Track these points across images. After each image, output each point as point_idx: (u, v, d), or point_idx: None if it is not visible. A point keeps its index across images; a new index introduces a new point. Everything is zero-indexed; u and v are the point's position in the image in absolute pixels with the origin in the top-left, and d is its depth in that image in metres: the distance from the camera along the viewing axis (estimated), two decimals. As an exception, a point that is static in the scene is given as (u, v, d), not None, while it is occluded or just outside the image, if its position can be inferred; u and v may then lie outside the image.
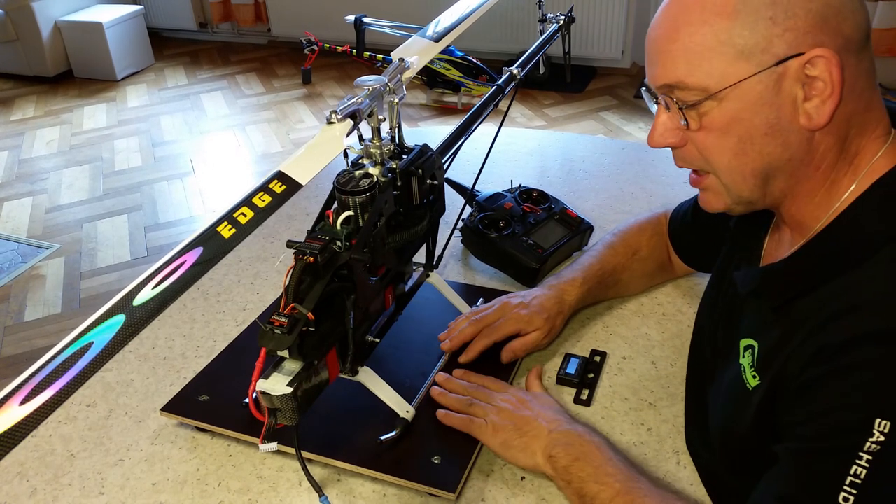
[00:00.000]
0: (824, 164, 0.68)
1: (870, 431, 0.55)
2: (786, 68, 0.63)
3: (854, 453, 0.56)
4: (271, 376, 0.76)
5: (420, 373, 1.00)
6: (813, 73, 0.63)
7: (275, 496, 0.87)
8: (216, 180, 3.62)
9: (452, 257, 1.30)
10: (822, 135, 0.66)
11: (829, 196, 0.69)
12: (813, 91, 0.63)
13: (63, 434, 0.98)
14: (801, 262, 0.70)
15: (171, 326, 1.18)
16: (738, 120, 0.66)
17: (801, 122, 0.65)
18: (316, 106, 4.37)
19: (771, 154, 0.67)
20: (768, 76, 0.64)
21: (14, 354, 2.56)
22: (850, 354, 0.58)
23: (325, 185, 0.86)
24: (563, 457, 0.81)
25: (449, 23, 1.08)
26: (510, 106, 1.13)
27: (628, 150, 1.71)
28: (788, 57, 0.63)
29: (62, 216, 3.38)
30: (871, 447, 0.55)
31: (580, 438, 0.82)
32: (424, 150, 0.92)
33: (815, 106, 0.64)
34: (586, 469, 0.79)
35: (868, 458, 0.56)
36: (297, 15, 5.05)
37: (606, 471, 0.78)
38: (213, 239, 0.66)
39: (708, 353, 0.88)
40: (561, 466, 0.81)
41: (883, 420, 0.55)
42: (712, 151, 0.70)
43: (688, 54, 0.66)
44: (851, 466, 0.56)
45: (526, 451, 0.85)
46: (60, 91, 4.79)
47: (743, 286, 0.77)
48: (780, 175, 0.69)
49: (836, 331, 0.61)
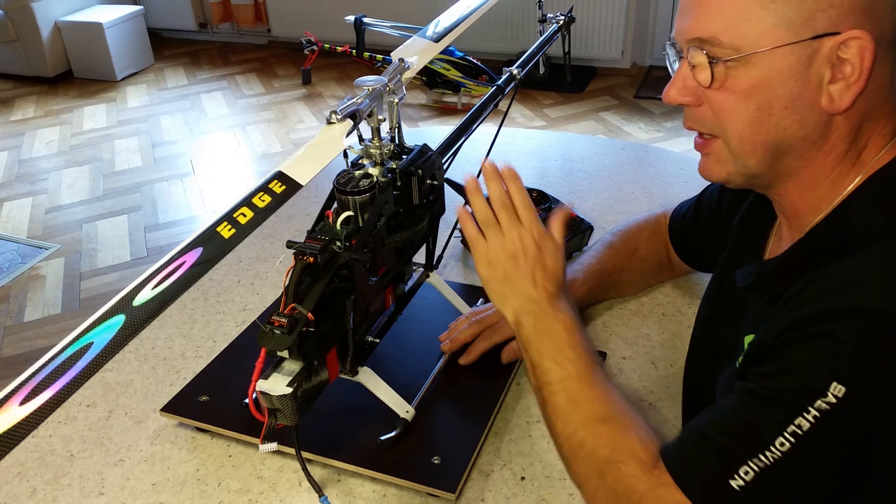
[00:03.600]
0: (835, 152, 0.67)
1: (824, 392, 0.57)
2: (821, 44, 0.62)
3: (804, 407, 0.58)
4: (271, 376, 0.76)
5: (420, 373, 1.00)
6: (845, 55, 0.62)
7: (275, 496, 0.87)
8: (216, 180, 3.62)
9: (452, 257, 1.30)
10: (841, 119, 0.65)
11: (833, 189, 0.68)
12: (840, 74, 0.63)
13: (63, 434, 0.98)
14: (797, 255, 0.70)
15: (171, 327, 1.18)
16: (762, 87, 0.65)
17: (823, 103, 0.64)
18: (316, 106, 4.37)
19: (787, 129, 0.66)
20: (802, 49, 0.63)
21: (14, 355, 2.56)
22: (821, 325, 0.59)
23: (325, 185, 0.86)
24: (529, 326, 0.80)
25: (449, 23, 1.08)
26: (510, 106, 1.13)
27: (628, 150, 1.71)
28: (827, 34, 0.62)
29: (62, 216, 3.38)
30: (821, 405, 0.57)
31: (553, 314, 0.80)
32: (424, 151, 0.92)
33: (839, 89, 0.63)
34: (547, 346, 0.79)
35: (816, 414, 0.57)
36: (297, 15, 5.05)
37: (566, 353, 0.77)
38: (212, 239, 0.66)
39: (707, 353, 0.88)
40: (524, 335, 0.81)
41: (839, 385, 0.56)
42: (729, 115, 0.68)
43: (727, 10, 0.64)
44: (797, 417, 0.58)
45: (500, 300, 0.83)
46: (60, 91, 4.79)
47: (740, 281, 0.77)
48: (791, 153, 0.68)
49: (812, 305, 0.61)
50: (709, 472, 0.63)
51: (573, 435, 0.74)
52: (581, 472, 0.74)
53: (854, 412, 0.57)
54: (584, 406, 0.75)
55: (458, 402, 0.96)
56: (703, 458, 0.64)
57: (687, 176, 1.53)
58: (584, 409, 0.75)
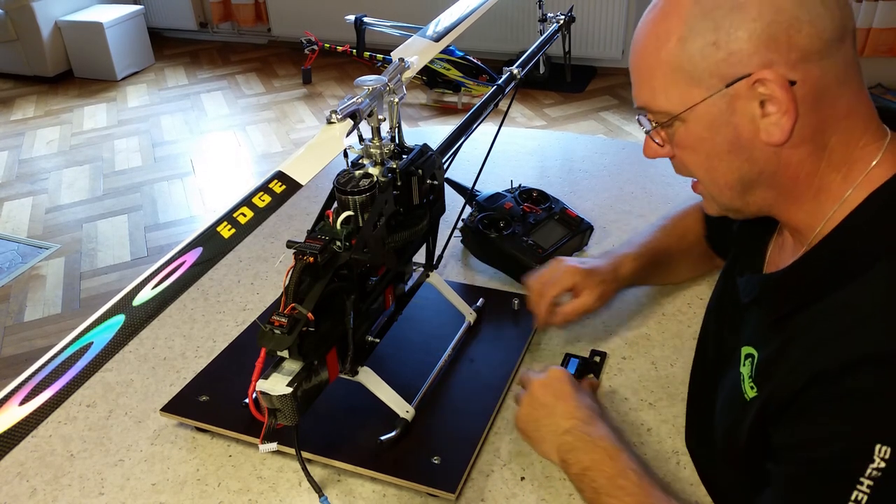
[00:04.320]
0: (803, 175, 0.67)
1: (870, 457, 0.55)
2: (736, 90, 0.64)
3: (855, 479, 0.55)
4: (271, 376, 0.76)
5: (420, 373, 1.00)
6: (765, 91, 0.63)
7: (275, 496, 0.87)
8: (216, 180, 3.62)
9: (452, 257, 1.30)
10: (790, 149, 0.65)
11: (819, 204, 0.68)
12: (772, 108, 0.63)
13: (63, 434, 0.98)
14: (798, 274, 0.69)
15: (171, 327, 1.18)
16: (702, 139, 0.68)
17: (762, 138, 0.65)
18: (316, 106, 4.37)
19: (739, 169, 0.68)
20: (720, 99, 0.65)
21: (14, 354, 2.56)
22: (847, 379, 0.58)
23: (325, 185, 0.86)
24: (574, 464, 0.81)
25: (449, 23, 1.08)
26: (510, 106, 1.13)
27: (628, 150, 1.71)
28: (736, 79, 0.63)
29: (62, 216, 3.38)
30: (872, 473, 0.55)
31: (594, 445, 0.81)
32: (424, 150, 0.92)
33: (773, 122, 0.64)
34: (598, 480, 0.78)
35: (869, 483, 0.55)
36: (297, 15, 5.05)
37: (618, 483, 0.77)
38: (212, 239, 0.66)
39: (712, 355, 0.87)
40: (573, 473, 0.81)
41: (883, 446, 0.55)
42: (689, 166, 0.72)
43: (650, 81, 0.69)
44: (853, 492, 0.56)
45: (542, 446, 0.86)
46: (60, 91, 4.79)
47: (744, 294, 0.77)
48: (758, 187, 0.69)
49: (832, 353, 0.60)
50: None
51: None
52: None
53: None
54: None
55: (458, 402, 0.96)
56: None
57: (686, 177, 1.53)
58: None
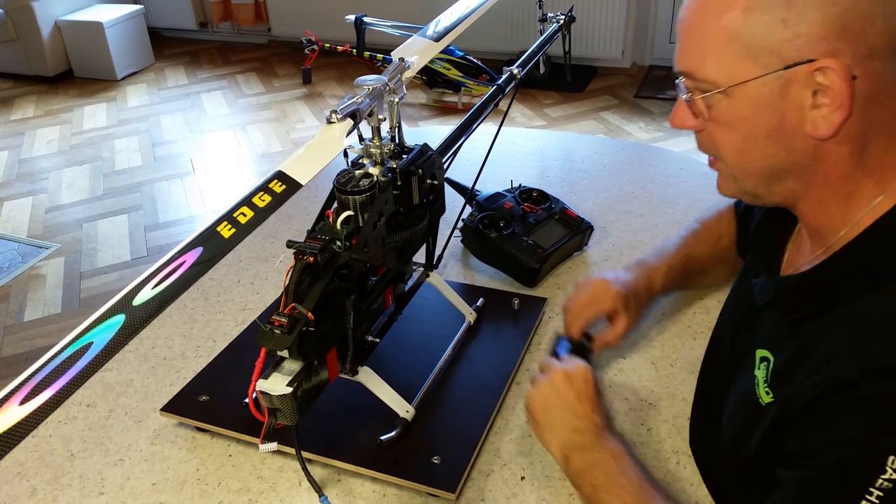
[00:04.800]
0: (836, 174, 0.65)
1: (882, 468, 0.55)
2: (793, 74, 0.61)
3: (865, 489, 0.55)
4: (271, 376, 0.76)
5: (420, 373, 1.00)
6: (823, 81, 0.60)
7: (275, 496, 0.87)
8: (216, 180, 3.62)
9: (452, 257, 1.30)
10: (833, 144, 0.63)
11: (847, 207, 0.66)
12: (824, 99, 0.61)
13: (63, 434, 0.98)
14: (818, 279, 0.68)
15: (171, 326, 1.18)
16: (743, 119, 0.65)
17: (807, 129, 0.63)
18: (316, 106, 4.36)
19: (774, 157, 0.66)
20: (774, 80, 0.62)
21: (14, 354, 2.55)
22: (864, 388, 0.57)
23: (325, 184, 0.86)
24: (577, 460, 0.80)
25: (449, 22, 1.08)
26: (510, 106, 1.12)
27: (628, 150, 1.71)
28: (797, 63, 0.60)
29: (62, 216, 3.38)
30: (882, 484, 0.55)
31: (599, 445, 0.81)
32: (424, 150, 0.92)
33: (823, 115, 0.61)
34: (599, 478, 0.78)
35: (879, 494, 0.55)
36: (297, 14, 5.05)
37: (619, 482, 0.77)
38: (212, 239, 0.66)
39: (725, 355, 0.86)
40: (574, 469, 0.81)
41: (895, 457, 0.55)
42: (720, 144, 0.69)
43: (701, 46, 0.65)
44: (861, 502, 0.56)
45: (546, 434, 0.84)
46: (60, 91, 4.79)
47: (760, 297, 0.75)
48: (788, 178, 0.67)
49: (850, 363, 0.59)
50: None
51: None
52: None
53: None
54: None
55: (458, 402, 0.96)
56: None
57: (687, 176, 1.53)
58: None
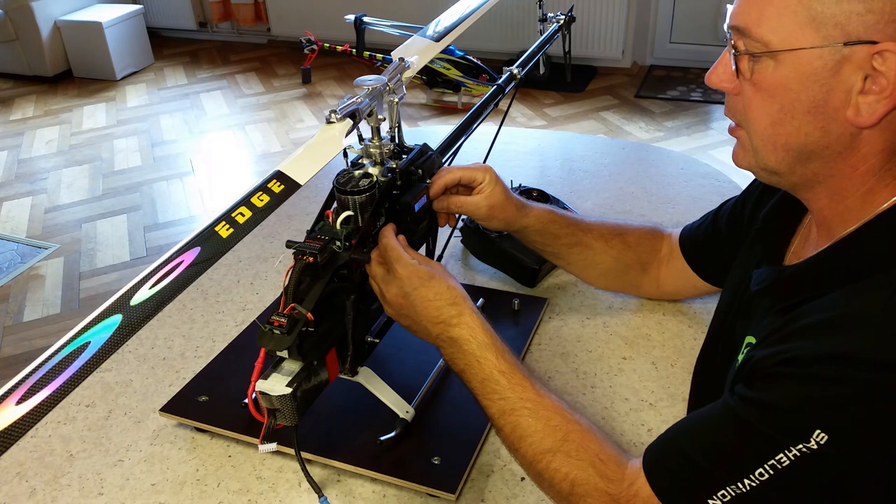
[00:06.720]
0: (864, 167, 0.64)
1: (807, 438, 0.58)
2: (853, 52, 0.58)
3: (786, 446, 0.59)
4: (271, 376, 0.76)
5: (420, 373, 1.00)
6: (880, 66, 0.58)
7: (274, 497, 0.87)
8: (216, 180, 3.62)
9: (452, 257, 1.30)
10: (870, 134, 0.62)
11: (863, 203, 0.65)
12: (873, 86, 0.59)
13: (62, 434, 0.98)
14: (815, 269, 0.67)
15: (170, 326, 1.17)
16: (786, 88, 0.62)
17: (848, 114, 0.61)
18: (316, 105, 4.36)
19: (809, 135, 0.63)
20: (831, 53, 0.59)
21: (13, 354, 2.55)
22: (814, 367, 0.59)
23: (324, 184, 0.86)
24: (453, 364, 0.81)
25: (449, 22, 1.08)
26: (510, 106, 1.12)
27: (628, 149, 1.70)
28: (860, 41, 0.58)
29: (61, 216, 3.38)
30: (802, 449, 0.58)
31: (460, 348, 0.79)
32: (424, 150, 0.91)
33: (868, 102, 0.59)
34: (473, 383, 0.79)
35: (796, 454, 0.58)
36: (297, 14, 5.05)
37: (491, 387, 0.77)
38: (210, 239, 0.66)
39: (721, 348, 0.86)
40: (456, 372, 0.81)
41: (822, 432, 0.57)
42: (754, 110, 0.66)
43: (765, 3, 0.62)
44: (779, 454, 0.59)
45: (421, 337, 0.84)
46: (60, 91, 4.79)
47: (755, 284, 0.75)
48: (815, 160, 0.65)
49: (814, 345, 0.60)
50: (689, 491, 0.65)
51: (531, 466, 0.75)
52: (552, 496, 0.76)
53: (832, 459, 0.57)
54: (527, 440, 0.75)
55: (458, 402, 0.96)
56: (684, 479, 0.66)
57: (687, 176, 1.53)
58: (528, 443, 0.74)
